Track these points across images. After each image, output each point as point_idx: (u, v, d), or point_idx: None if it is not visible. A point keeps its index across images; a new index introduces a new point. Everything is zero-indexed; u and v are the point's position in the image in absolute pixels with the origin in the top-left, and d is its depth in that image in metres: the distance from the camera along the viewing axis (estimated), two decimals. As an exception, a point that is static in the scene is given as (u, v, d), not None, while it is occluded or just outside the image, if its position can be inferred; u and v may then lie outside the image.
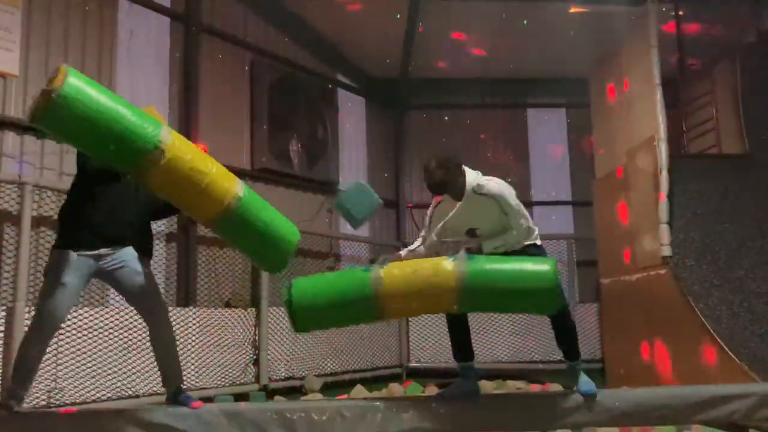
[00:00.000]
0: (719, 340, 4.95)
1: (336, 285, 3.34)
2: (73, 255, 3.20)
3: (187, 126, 6.96)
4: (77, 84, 2.68)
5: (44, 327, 3.19)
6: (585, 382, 3.51)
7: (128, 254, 3.32)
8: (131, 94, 6.52)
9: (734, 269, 5.52)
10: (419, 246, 3.75)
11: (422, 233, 3.82)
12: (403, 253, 3.70)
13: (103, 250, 3.26)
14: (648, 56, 6.11)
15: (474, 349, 3.74)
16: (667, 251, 5.66)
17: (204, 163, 2.94)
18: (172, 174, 2.84)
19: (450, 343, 3.74)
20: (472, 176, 3.59)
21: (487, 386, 6.48)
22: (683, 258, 5.65)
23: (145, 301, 3.34)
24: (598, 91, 7.60)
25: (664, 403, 3.41)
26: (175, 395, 3.32)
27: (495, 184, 3.56)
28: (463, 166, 3.61)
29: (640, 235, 6.17)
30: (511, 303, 3.38)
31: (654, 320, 5.90)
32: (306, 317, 3.29)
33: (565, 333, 3.60)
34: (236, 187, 3.01)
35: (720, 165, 6.27)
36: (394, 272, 3.25)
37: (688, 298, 5.33)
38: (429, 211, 3.81)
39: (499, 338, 8.60)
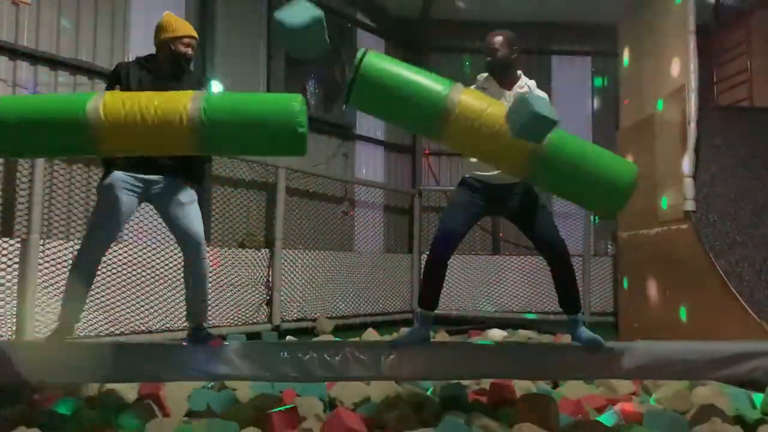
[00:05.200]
0: (739, 298, 4.87)
1: (411, 81, 2.93)
2: (122, 174, 3.24)
3: (202, 64, 6.81)
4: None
5: (94, 244, 3.20)
6: (588, 333, 3.39)
7: (175, 184, 3.32)
8: (146, 25, 6.35)
9: (759, 226, 5.38)
10: None
11: None
12: None
13: (150, 176, 3.28)
14: (682, 1, 5.83)
15: (487, 298, 3.66)
16: (690, 206, 5.52)
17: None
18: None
19: (444, 289, 3.50)
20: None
21: (498, 335, 6.49)
22: (706, 213, 5.52)
23: (184, 233, 3.33)
24: (627, 37, 7.31)
25: (683, 358, 3.34)
26: (196, 332, 3.32)
27: (542, 92, 3.39)
28: None
29: (664, 189, 6.02)
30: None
31: (673, 276, 5.81)
32: (365, 92, 2.93)
33: (567, 283, 3.45)
34: (187, 102, 2.79)
35: (751, 118, 6.05)
36: (469, 101, 2.92)
37: (709, 255, 5.22)
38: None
39: (511, 288, 8.58)
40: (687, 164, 5.57)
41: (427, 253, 3.56)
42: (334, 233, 8.15)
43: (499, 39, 3.38)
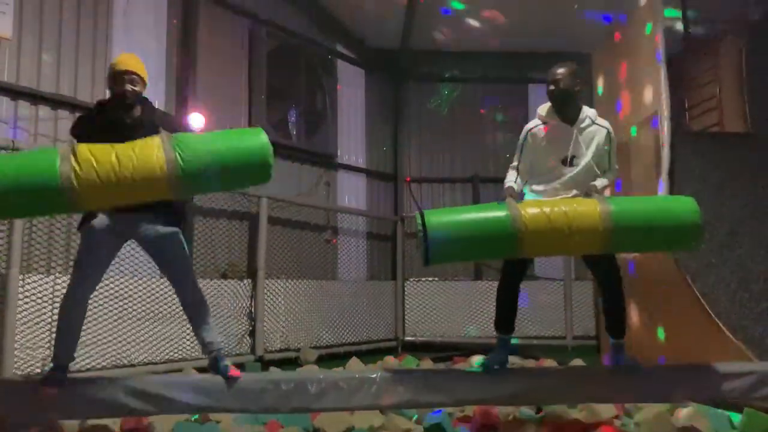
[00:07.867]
0: (716, 320, 4.94)
1: (473, 221, 3.24)
2: (102, 214, 3.19)
3: (184, 97, 6.87)
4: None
5: (82, 284, 3.17)
6: (629, 359, 3.47)
7: (156, 219, 3.27)
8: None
9: (733, 249, 5.49)
10: (515, 180, 3.55)
11: (514, 163, 3.61)
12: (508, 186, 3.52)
13: (131, 214, 3.19)
14: (653, 32, 6.01)
15: (471, 324, 3.72)
16: (666, 230, 5.62)
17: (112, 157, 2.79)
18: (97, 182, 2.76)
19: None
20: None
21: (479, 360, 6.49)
22: (682, 236, 5.62)
23: (172, 268, 3.34)
24: (601, 66, 7.50)
25: (662, 381, 3.40)
26: (215, 362, 3.30)
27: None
28: None
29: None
30: (657, 240, 3.32)
31: (650, 299, 5.89)
32: (440, 251, 3.19)
33: (615, 309, 3.50)
34: (161, 153, 2.83)
35: (722, 143, 6.20)
36: (533, 211, 3.18)
37: (685, 277, 5.31)
38: (529, 133, 3.57)
39: (494, 314, 8.57)
40: (662, 188, 5.68)
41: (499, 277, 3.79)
42: (317, 262, 8.16)
43: (560, 70, 3.52)
